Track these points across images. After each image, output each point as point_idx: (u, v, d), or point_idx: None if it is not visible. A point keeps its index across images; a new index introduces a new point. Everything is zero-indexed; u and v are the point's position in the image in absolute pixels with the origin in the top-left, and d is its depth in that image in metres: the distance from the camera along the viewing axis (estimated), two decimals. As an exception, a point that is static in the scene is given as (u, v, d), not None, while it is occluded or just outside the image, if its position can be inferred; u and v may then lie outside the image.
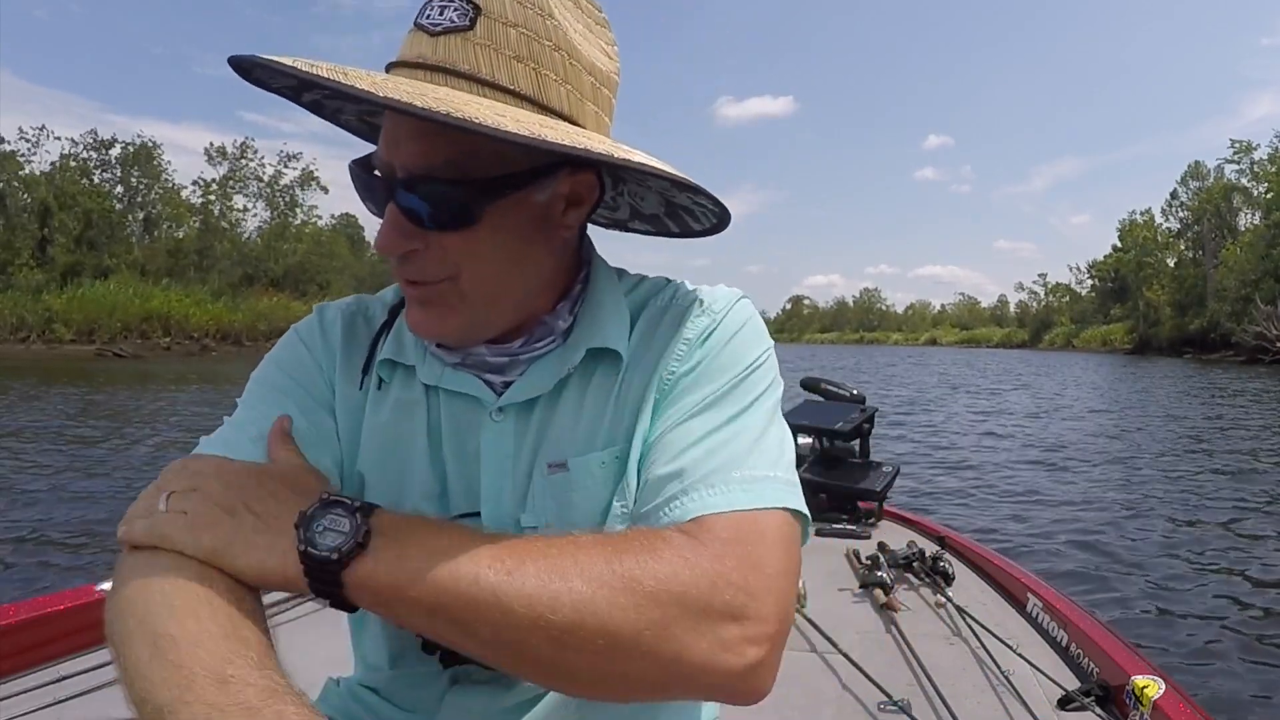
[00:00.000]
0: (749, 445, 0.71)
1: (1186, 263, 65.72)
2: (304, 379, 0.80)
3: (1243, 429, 12.80)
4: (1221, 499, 7.28)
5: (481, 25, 0.67)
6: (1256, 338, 41.33)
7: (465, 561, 0.58)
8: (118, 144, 46.00)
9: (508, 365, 0.78)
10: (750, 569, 0.62)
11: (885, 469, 3.59)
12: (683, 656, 0.59)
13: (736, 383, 0.75)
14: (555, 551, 0.60)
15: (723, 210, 0.79)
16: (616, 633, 0.57)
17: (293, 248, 50.08)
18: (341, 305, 0.86)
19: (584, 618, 0.57)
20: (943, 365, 44.04)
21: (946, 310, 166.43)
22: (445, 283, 0.71)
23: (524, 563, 0.59)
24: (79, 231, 41.53)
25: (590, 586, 0.58)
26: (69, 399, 14.41)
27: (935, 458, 9.75)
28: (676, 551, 0.61)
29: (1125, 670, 1.78)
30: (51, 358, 28.14)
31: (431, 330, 0.74)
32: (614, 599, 0.58)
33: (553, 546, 0.61)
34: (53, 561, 4.93)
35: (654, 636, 0.58)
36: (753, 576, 0.62)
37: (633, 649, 0.58)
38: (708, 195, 0.75)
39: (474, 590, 0.58)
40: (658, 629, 0.58)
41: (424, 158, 0.67)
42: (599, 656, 0.58)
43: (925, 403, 18.26)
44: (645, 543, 0.62)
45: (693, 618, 0.59)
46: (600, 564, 0.60)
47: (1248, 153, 59.93)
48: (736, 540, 0.63)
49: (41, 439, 9.59)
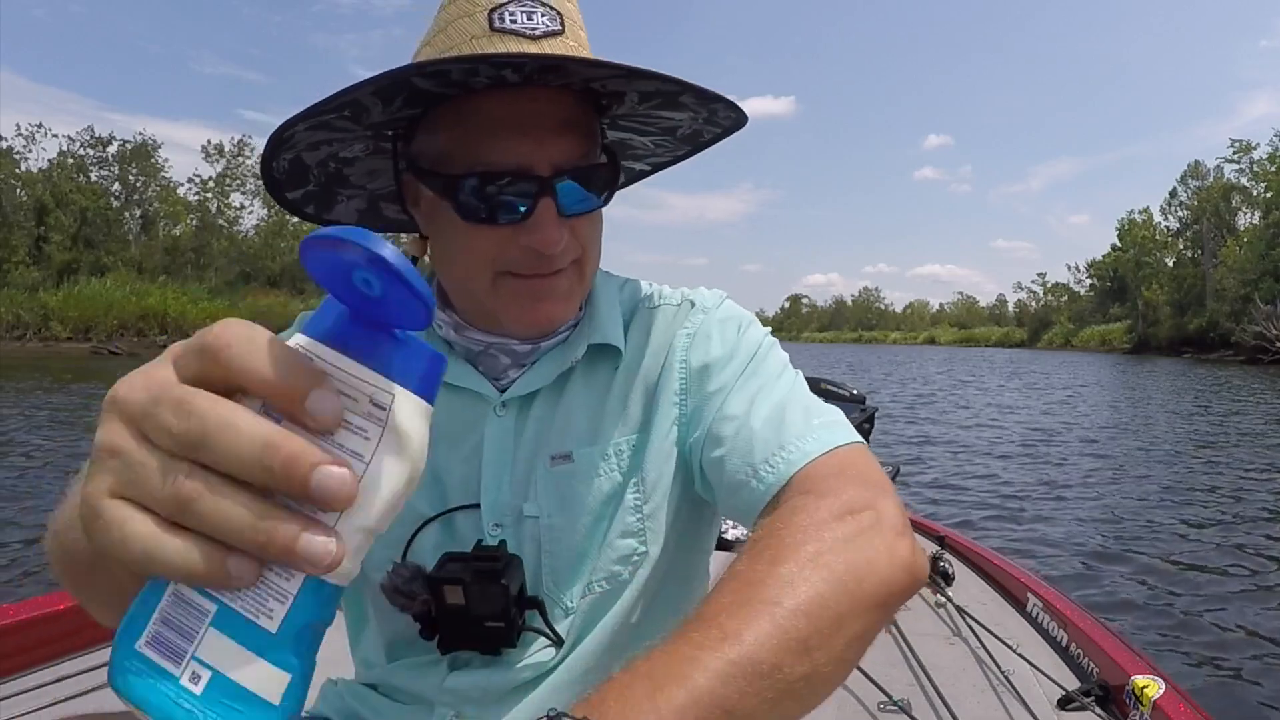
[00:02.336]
0: (808, 398, 0.78)
1: (1185, 262, 65.76)
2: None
3: (1244, 429, 12.81)
4: (1222, 499, 7.29)
5: (568, 28, 0.74)
6: (1256, 337, 41.37)
7: (694, 677, 0.50)
8: (115, 141, 46.00)
9: (527, 354, 0.81)
10: (866, 485, 0.67)
11: (885, 469, 3.59)
12: (868, 581, 0.59)
13: (764, 355, 0.82)
14: (742, 595, 0.56)
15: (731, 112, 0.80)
16: (837, 601, 0.56)
17: (290, 245, 49.98)
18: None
19: (814, 613, 0.55)
20: (941, 364, 44.08)
21: (945, 309, 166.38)
22: (571, 266, 0.76)
23: (736, 626, 0.53)
24: (75, 229, 41.48)
25: (800, 588, 0.56)
26: (63, 396, 14.39)
27: (935, 458, 9.75)
28: (820, 518, 0.62)
29: (1125, 670, 1.78)
30: (47, 355, 28.09)
31: (554, 317, 0.78)
32: (824, 577, 0.57)
33: (730, 595, 0.56)
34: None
35: (854, 581, 0.58)
36: (869, 492, 0.66)
37: (852, 600, 0.57)
38: (718, 100, 0.76)
39: (718, 692, 0.50)
40: (852, 575, 0.58)
41: (575, 149, 0.73)
42: (839, 628, 0.56)
43: (925, 402, 18.27)
44: (795, 535, 0.61)
45: (859, 546, 0.60)
46: (788, 566, 0.57)
47: (1247, 152, 59.93)
48: (838, 474, 0.68)
49: (36, 437, 9.57)
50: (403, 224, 0.92)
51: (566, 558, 0.79)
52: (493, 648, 0.77)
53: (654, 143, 0.88)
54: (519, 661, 0.79)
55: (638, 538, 0.80)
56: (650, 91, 0.75)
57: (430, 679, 0.81)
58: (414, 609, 0.75)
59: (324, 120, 0.71)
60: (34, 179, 41.68)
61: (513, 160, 0.71)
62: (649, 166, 0.94)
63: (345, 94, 0.66)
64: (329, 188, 0.85)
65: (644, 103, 0.78)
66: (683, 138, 0.87)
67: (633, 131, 0.86)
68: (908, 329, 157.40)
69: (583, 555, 0.80)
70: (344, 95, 0.66)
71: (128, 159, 46.05)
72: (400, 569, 0.76)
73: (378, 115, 0.73)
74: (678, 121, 0.82)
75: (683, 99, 0.76)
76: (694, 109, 0.79)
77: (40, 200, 40.54)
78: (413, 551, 0.79)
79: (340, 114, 0.71)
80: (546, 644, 0.79)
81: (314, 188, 0.83)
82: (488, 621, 0.74)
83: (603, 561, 0.80)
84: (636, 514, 0.80)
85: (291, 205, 0.84)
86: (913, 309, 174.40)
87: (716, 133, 0.85)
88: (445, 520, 0.80)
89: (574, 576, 0.79)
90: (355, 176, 0.84)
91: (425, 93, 0.70)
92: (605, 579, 0.80)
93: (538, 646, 0.79)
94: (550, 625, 0.78)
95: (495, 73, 0.68)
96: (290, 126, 0.70)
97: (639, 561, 0.80)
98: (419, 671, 0.82)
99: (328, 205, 0.87)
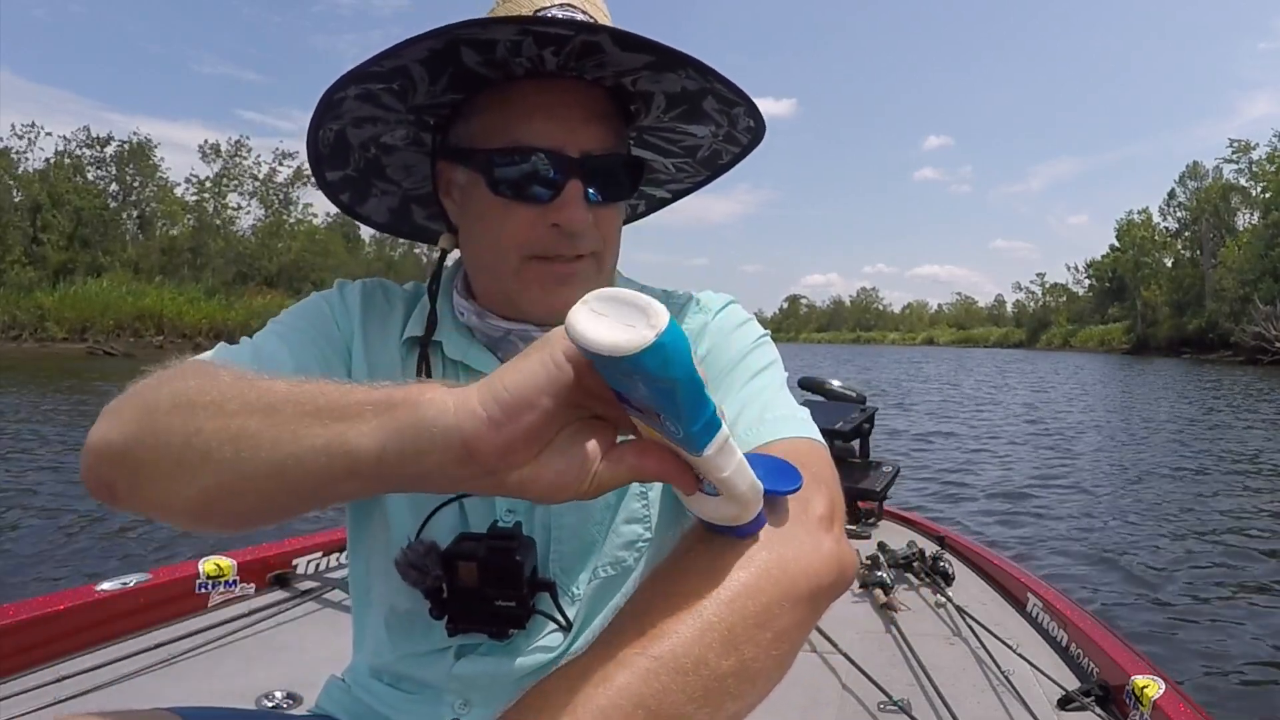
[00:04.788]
0: (774, 395, 0.79)
1: (1184, 262, 65.65)
2: (326, 333, 0.84)
3: (1244, 429, 12.83)
4: (1222, 499, 7.29)
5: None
6: (1256, 338, 41.22)
7: (613, 693, 0.50)
8: (113, 141, 45.86)
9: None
10: (810, 481, 0.63)
11: (885, 469, 3.59)
12: (808, 590, 0.58)
13: (749, 352, 0.84)
14: (673, 607, 0.54)
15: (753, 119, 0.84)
16: (780, 621, 0.56)
17: (287, 246, 49.79)
18: (360, 282, 0.90)
19: (734, 608, 0.54)
20: (940, 364, 44.08)
21: (944, 310, 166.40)
22: (591, 257, 0.79)
23: (693, 669, 0.51)
24: (72, 229, 41.26)
25: (720, 589, 0.55)
26: (55, 396, 14.36)
27: (935, 457, 9.75)
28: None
29: (1125, 670, 1.78)
30: (43, 356, 27.94)
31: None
32: (765, 596, 0.55)
33: (663, 602, 0.55)
34: (53, 561, 4.92)
35: (793, 594, 0.57)
36: (811, 488, 0.64)
37: (789, 620, 0.56)
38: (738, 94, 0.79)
39: (637, 699, 0.50)
40: (789, 585, 0.57)
41: (604, 139, 0.77)
42: (766, 623, 0.55)
43: (925, 403, 18.27)
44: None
45: (787, 544, 0.59)
46: (708, 559, 0.56)
47: (1246, 152, 59.67)
48: (807, 462, 0.66)
49: (32, 436, 9.55)
50: (426, 233, 0.97)
51: (573, 544, 0.81)
52: (501, 631, 0.78)
53: (675, 165, 0.93)
54: (526, 648, 0.80)
55: (643, 523, 0.82)
56: (677, 94, 0.80)
57: (438, 667, 0.82)
58: (426, 584, 0.76)
59: (372, 92, 0.76)
60: (30, 179, 41.53)
61: (545, 142, 0.75)
62: (669, 194, 0.99)
63: (398, 49, 0.70)
64: (366, 176, 0.89)
65: (670, 110, 0.83)
66: (703, 160, 0.91)
67: (657, 152, 0.91)
68: (906, 329, 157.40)
69: (589, 541, 0.82)
70: (396, 50, 0.70)
71: (125, 159, 45.89)
72: (415, 545, 0.77)
73: (423, 95, 0.78)
74: (699, 140, 0.87)
75: (705, 105, 0.80)
76: (716, 119, 0.83)
77: (37, 200, 40.39)
78: (428, 532, 0.80)
79: (388, 86, 0.76)
80: (553, 630, 0.81)
81: (353, 172, 0.88)
82: (499, 600, 0.76)
83: (609, 547, 0.82)
84: (642, 500, 0.82)
85: (329, 187, 0.89)
86: (911, 309, 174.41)
87: (735, 152, 0.89)
88: (459, 503, 0.81)
89: (580, 563, 0.81)
90: (392, 169, 0.89)
91: (468, 76, 0.75)
92: (610, 564, 0.82)
93: (544, 633, 0.81)
94: (560, 608, 0.80)
95: (536, 52, 0.72)
96: (343, 87, 0.74)
97: (644, 547, 0.82)
98: (426, 660, 0.83)
99: (362, 197, 0.92)
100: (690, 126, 0.85)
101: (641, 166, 0.84)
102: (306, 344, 0.81)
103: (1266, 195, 53.68)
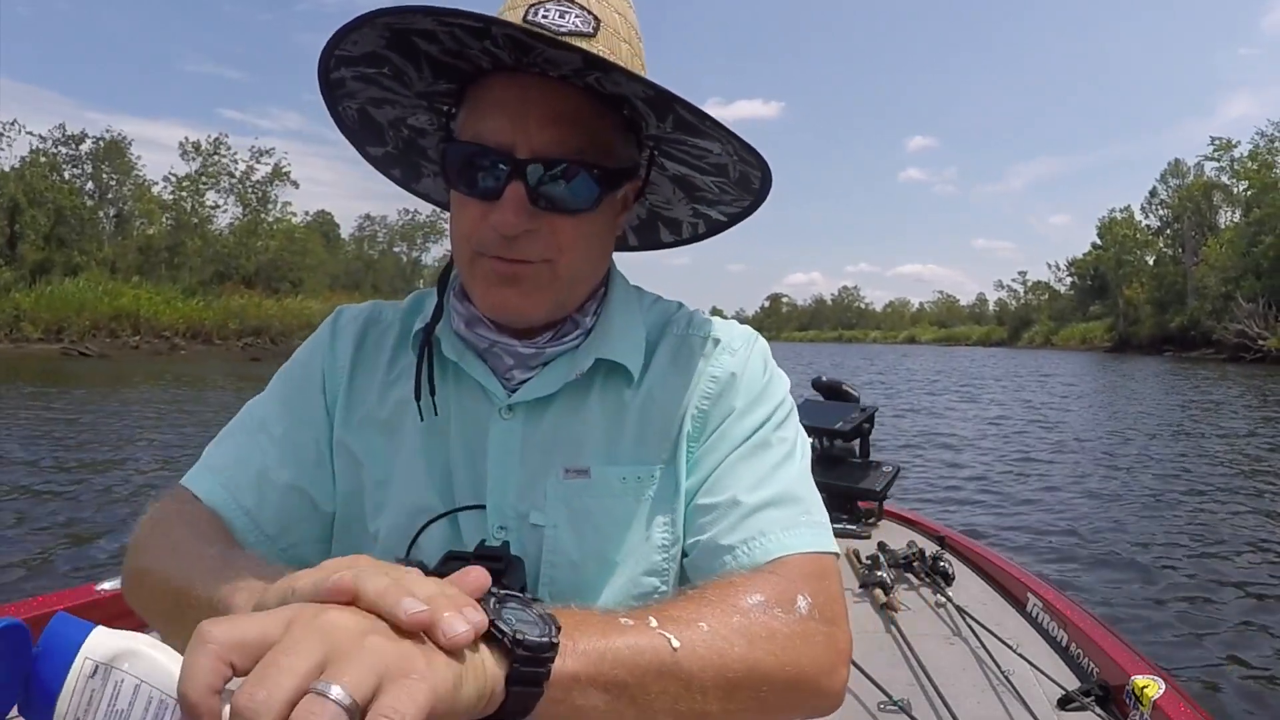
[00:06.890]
0: (807, 490, 0.80)
1: (1166, 260, 66.04)
2: (298, 397, 0.85)
3: (1238, 428, 12.91)
4: (1222, 499, 7.34)
5: (602, 34, 0.74)
6: (1238, 335, 41.53)
7: (642, 638, 0.59)
8: (88, 139, 45.24)
9: (531, 357, 0.81)
10: (830, 602, 0.72)
11: (885, 469, 3.59)
12: (803, 683, 0.66)
13: (779, 422, 0.82)
14: (699, 614, 0.64)
15: (759, 171, 0.80)
16: (772, 677, 0.64)
17: (265, 245, 49.25)
18: (361, 318, 0.90)
19: (751, 671, 0.63)
20: (926, 363, 44.31)
21: (925, 308, 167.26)
22: (542, 264, 0.75)
23: (687, 630, 0.61)
24: (48, 228, 40.71)
25: (749, 643, 0.63)
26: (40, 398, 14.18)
27: (935, 457, 9.78)
28: (780, 593, 0.69)
29: (1125, 670, 1.79)
30: (17, 356, 27.51)
31: (517, 308, 0.77)
32: (769, 648, 0.64)
33: (690, 609, 0.64)
34: (52, 561, 4.88)
35: (793, 673, 0.65)
36: (834, 609, 0.72)
37: (782, 687, 0.65)
38: (750, 152, 0.76)
39: (657, 665, 0.59)
40: (794, 667, 0.65)
41: (560, 144, 0.73)
42: (759, 701, 0.63)
43: (921, 402, 18.33)
44: (752, 589, 0.69)
45: (811, 650, 0.67)
46: (740, 618, 0.65)
47: (1228, 150, 59.91)
48: (815, 577, 0.72)
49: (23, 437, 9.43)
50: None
51: (566, 569, 0.79)
52: None
53: (716, 185, 0.86)
54: None
55: (660, 577, 0.80)
56: (654, 98, 0.73)
57: None
58: None
59: (367, 74, 0.78)
60: (7, 177, 40.90)
61: (495, 139, 0.73)
62: (724, 217, 0.91)
63: (341, 33, 0.71)
64: (409, 156, 0.92)
65: (676, 129, 0.78)
66: (737, 181, 0.83)
67: (691, 168, 0.84)
68: (888, 328, 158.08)
69: (590, 576, 0.79)
70: (341, 33, 0.71)
71: (101, 157, 45.30)
72: (401, 564, 0.75)
73: (419, 83, 0.79)
74: (718, 156, 0.80)
75: (687, 117, 0.74)
76: (716, 136, 0.76)
77: (13, 199, 39.79)
78: (418, 547, 0.79)
79: (379, 70, 0.77)
80: None
81: (394, 150, 0.91)
82: None
83: (621, 595, 0.79)
84: (664, 554, 0.80)
85: (373, 160, 0.92)
86: (893, 308, 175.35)
87: (758, 176, 0.81)
88: (451, 519, 0.80)
89: (577, 594, 0.78)
90: (432, 150, 0.90)
91: (446, 66, 0.76)
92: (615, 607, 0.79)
93: None
94: None
95: (482, 45, 0.71)
96: (325, 68, 0.76)
97: (655, 601, 0.80)
98: None
99: (415, 175, 0.96)
100: (700, 140, 0.78)
101: (627, 177, 0.79)
102: (295, 405, 0.85)
103: (1249, 193, 54.11)
